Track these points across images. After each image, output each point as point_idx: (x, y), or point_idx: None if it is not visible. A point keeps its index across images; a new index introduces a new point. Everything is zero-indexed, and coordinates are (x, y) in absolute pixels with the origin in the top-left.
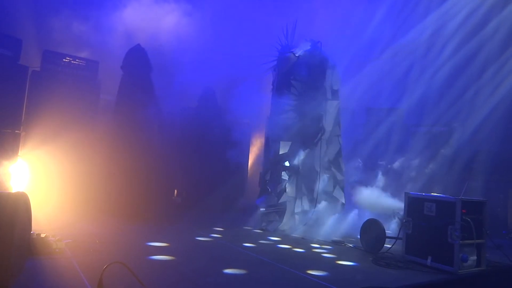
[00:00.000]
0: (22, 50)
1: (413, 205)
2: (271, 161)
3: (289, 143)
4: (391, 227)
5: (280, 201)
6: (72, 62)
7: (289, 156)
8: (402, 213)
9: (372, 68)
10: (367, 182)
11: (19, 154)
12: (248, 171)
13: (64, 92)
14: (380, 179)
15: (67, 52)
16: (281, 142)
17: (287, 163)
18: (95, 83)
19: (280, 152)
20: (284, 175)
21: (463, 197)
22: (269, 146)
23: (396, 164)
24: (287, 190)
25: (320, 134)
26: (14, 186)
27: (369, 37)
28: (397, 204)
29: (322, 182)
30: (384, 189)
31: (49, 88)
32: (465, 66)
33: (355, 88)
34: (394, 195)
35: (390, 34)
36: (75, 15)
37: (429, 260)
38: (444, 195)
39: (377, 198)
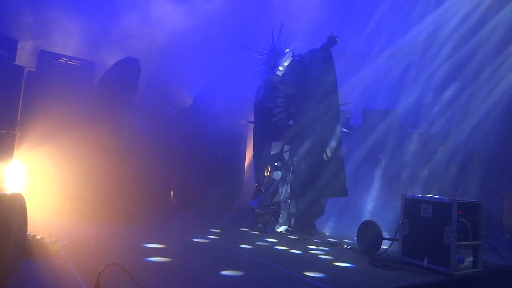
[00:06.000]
0: (17, 50)
1: (410, 206)
2: (264, 162)
3: (280, 143)
4: None
5: (274, 201)
6: (68, 62)
7: (280, 156)
8: None
9: (368, 69)
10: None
11: (14, 155)
12: (245, 172)
13: (60, 92)
14: (377, 180)
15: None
16: (272, 143)
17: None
18: (91, 84)
19: (272, 152)
20: (276, 175)
21: (459, 199)
22: (260, 149)
23: (393, 166)
24: (280, 190)
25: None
26: (9, 187)
27: (366, 38)
28: None
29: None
30: (381, 190)
31: (45, 89)
32: (462, 67)
33: (351, 89)
34: (390, 197)
35: (387, 35)
36: (72, 14)
37: (425, 262)
38: (440, 197)
39: None
